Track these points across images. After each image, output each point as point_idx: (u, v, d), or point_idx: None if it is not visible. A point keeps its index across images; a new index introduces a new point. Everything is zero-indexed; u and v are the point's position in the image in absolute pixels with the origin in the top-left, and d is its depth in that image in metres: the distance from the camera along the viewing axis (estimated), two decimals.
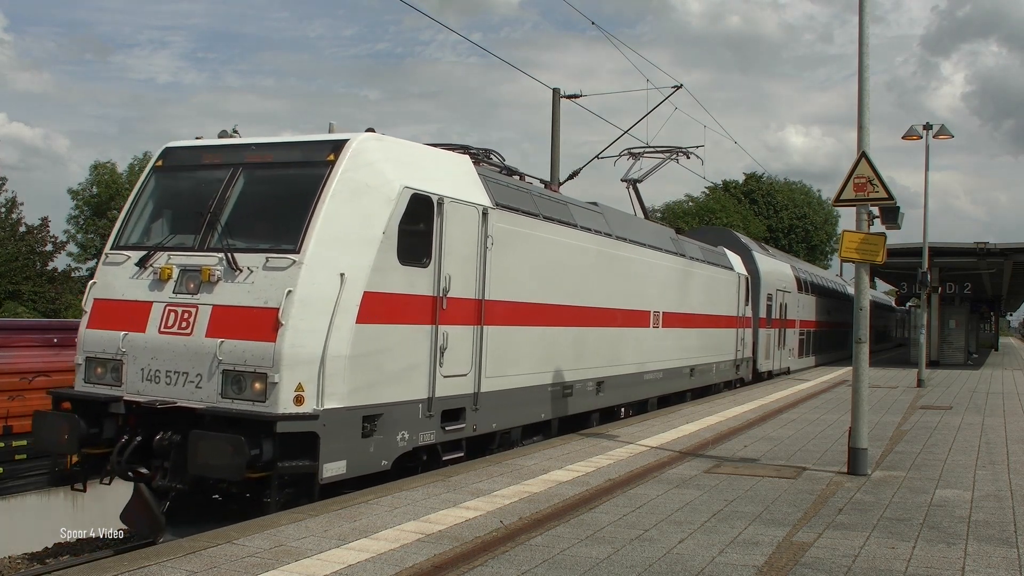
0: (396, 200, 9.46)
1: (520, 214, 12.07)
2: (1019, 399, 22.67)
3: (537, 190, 13.63)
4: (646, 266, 17.01)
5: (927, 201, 31.93)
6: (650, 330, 17.32)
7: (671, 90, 23.24)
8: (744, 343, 24.65)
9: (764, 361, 26.99)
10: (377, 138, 9.81)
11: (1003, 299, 57.17)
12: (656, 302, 17.56)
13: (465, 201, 10.65)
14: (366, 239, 9.14)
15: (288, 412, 8.30)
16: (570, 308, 13.60)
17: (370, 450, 9.10)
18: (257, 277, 8.70)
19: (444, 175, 10.54)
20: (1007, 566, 6.78)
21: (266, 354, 8.36)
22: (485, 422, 11.19)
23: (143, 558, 6.23)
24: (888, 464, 11.52)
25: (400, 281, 9.49)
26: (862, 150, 10.72)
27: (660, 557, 6.74)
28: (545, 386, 12.90)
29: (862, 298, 10.81)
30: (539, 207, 12.85)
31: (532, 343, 12.44)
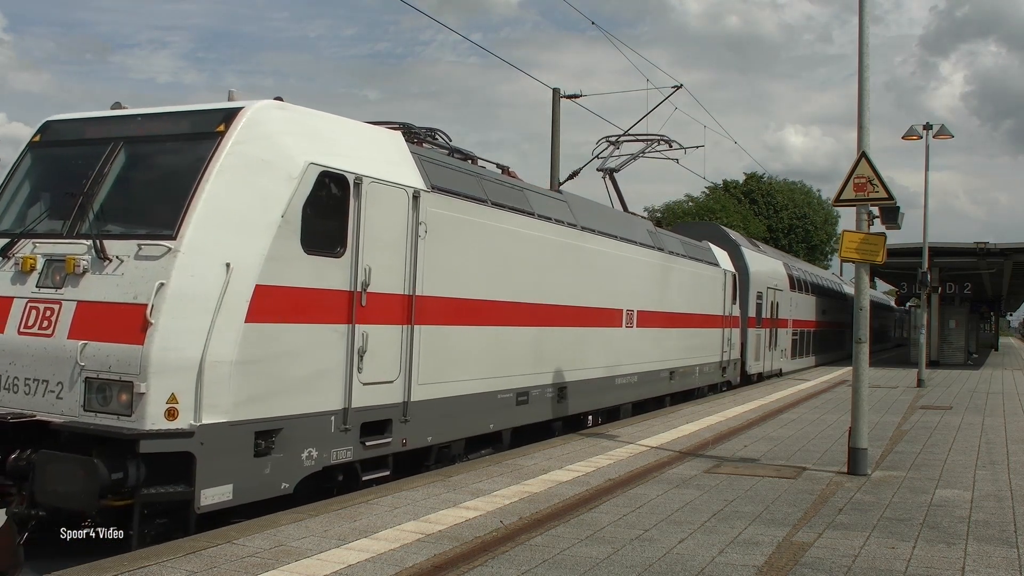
0: (300, 178, 8.20)
1: (463, 199, 10.75)
2: (1019, 399, 22.67)
3: (488, 174, 12.18)
4: (618, 260, 15.71)
5: (927, 201, 31.97)
6: (623, 330, 16.02)
7: (671, 90, 23.26)
8: (731, 344, 23.38)
9: (753, 363, 25.92)
10: (279, 106, 8.55)
11: (1003, 299, 57.16)
12: (630, 300, 16.30)
13: (390, 182, 9.36)
14: (261, 223, 7.87)
15: (156, 428, 7.04)
16: (526, 306, 12.32)
17: (265, 471, 7.82)
18: (128, 268, 7.45)
19: (365, 152, 9.29)
20: (1007, 566, 6.78)
21: (132, 359, 7.08)
22: (418, 435, 9.91)
23: (143, 558, 6.23)
24: (888, 464, 11.52)
25: (305, 273, 8.24)
26: (862, 150, 10.72)
27: (660, 557, 6.74)
28: (494, 393, 11.51)
29: (862, 298, 10.81)
30: (488, 192, 11.52)
31: (478, 345, 11.12)
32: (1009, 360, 51.41)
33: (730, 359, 23.40)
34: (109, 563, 6.13)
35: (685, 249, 19.98)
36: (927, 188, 32.35)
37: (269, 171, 8.08)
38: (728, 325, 22.97)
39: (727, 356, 23.08)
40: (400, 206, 9.54)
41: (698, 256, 20.87)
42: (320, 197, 8.46)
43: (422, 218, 9.83)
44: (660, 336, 17.99)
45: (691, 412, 16.84)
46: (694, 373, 20.55)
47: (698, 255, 20.92)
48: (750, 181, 69.48)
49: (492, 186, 11.83)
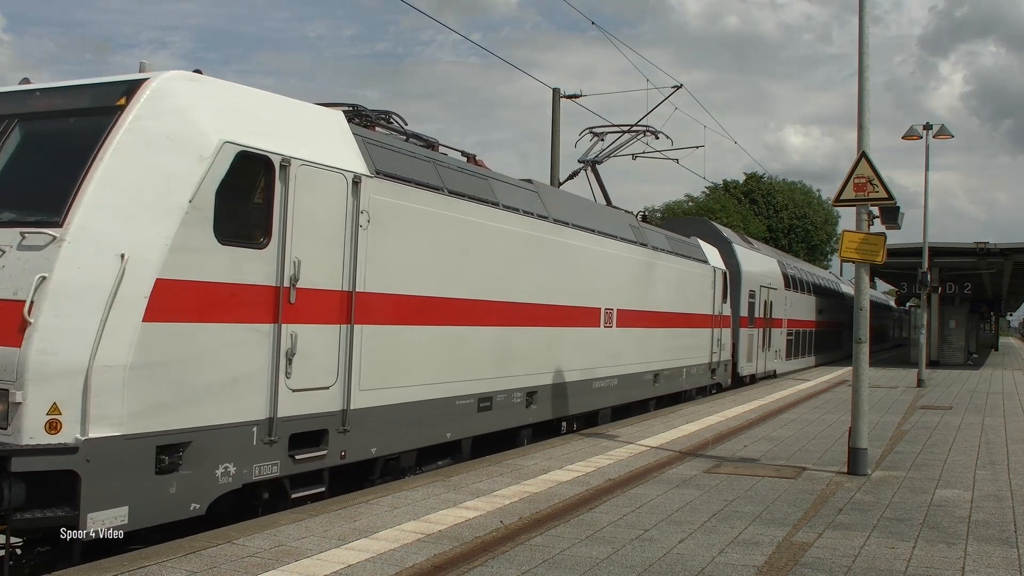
0: (213, 158, 7.30)
1: (414, 186, 9.82)
2: (1019, 399, 22.67)
3: (446, 160, 11.19)
4: (595, 256, 14.75)
5: (927, 201, 31.96)
6: (601, 330, 15.04)
7: (671, 90, 23.23)
8: (722, 344, 22.38)
9: (745, 364, 24.96)
10: (190, 77, 7.65)
11: (1003, 299, 57.16)
12: (609, 298, 15.29)
13: (325, 165, 8.44)
14: (164, 209, 6.97)
15: (33, 444, 6.20)
16: (490, 304, 11.38)
17: (170, 491, 6.92)
18: (10, 259, 6.58)
19: (296, 132, 8.39)
20: (1007, 566, 6.78)
21: (8, 363, 6.26)
22: (360, 446, 8.98)
23: (143, 558, 6.23)
24: (888, 464, 11.52)
25: (219, 265, 7.34)
26: (862, 150, 10.72)
27: (660, 557, 6.74)
28: (452, 399, 10.57)
29: (862, 298, 10.81)
30: (445, 180, 10.58)
31: (433, 346, 10.20)
32: (1009, 360, 51.41)
33: (720, 360, 22.42)
34: (109, 563, 6.13)
35: (671, 245, 19.02)
36: (927, 188, 32.43)
37: (175, 150, 7.17)
38: (718, 325, 22.00)
39: (717, 357, 22.11)
40: (337, 192, 8.58)
41: (685, 253, 19.89)
42: (239, 180, 7.53)
43: (364, 206, 8.89)
44: (643, 337, 17.05)
45: (691, 412, 16.84)
46: (681, 376, 19.56)
47: (685, 252, 19.97)
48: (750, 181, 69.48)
49: (450, 173, 10.85)
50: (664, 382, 18.39)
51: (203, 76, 7.79)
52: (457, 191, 10.73)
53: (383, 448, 9.39)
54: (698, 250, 21.19)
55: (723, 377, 22.85)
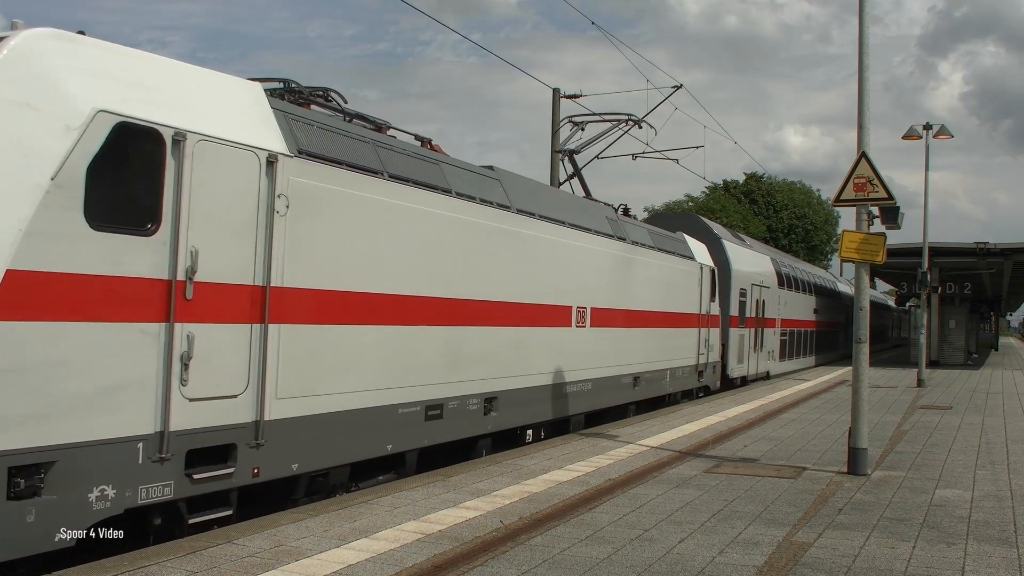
0: (84, 129, 6.32)
1: (347, 169, 8.82)
2: (1019, 399, 22.68)
3: (388, 141, 10.14)
4: (566, 250, 13.70)
5: (927, 201, 31.92)
6: (572, 330, 14.00)
7: (671, 90, 23.24)
8: (710, 345, 21.29)
9: (736, 365, 23.97)
10: (60, 36, 6.63)
11: (1003, 299, 57.17)
12: (583, 296, 14.29)
13: (232, 141, 7.38)
14: (18, 188, 6.01)
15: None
16: (441, 301, 10.41)
17: (27, 519, 5.93)
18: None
19: (194, 103, 7.34)
20: (1007, 566, 6.78)
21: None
22: (277, 462, 7.91)
23: (143, 558, 6.23)
24: (888, 464, 11.52)
25: (92, 255, 6.36)
26: (862, 150, 10.72)
27: (660, 557, 6.75)
28: (394, 407, 9.55)
29: (862, 298, 10.82)
30: (386, 163, 9.56)
31: (371, 348, 9.19)
32: (1009, 360, 51.42)
33: (708, 362, 21.31)
34: (109, 563, 6.13)
35: (654, 240, 17.96)
36: (927, 188, 32.30)
37: (36, 120, 6.18)
38: (706, 325, 20.93)
39: (705, 359, 21.01)
40: (246, 173, 7.53)
41: (670, 248, 18.83)
42: (118, 156, 6.58)
43: (282, 189, 7.86)
44: (621, 337, 16.01)
45: (691, 412, 16.84)
46: (664, 378, 18.41)
47: (670, 247, 18.89)
48: (750, 181, 69.50)
49: (392, 156, 9.84)
50: (645, 385, 17.35)
51: (80, 36, 6.78)
52: (401, 176, 9.72)
53: (307, 464, 8.32)
54: (684, 246, 20.15)
55: (711, 379, 21.88)
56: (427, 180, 10.27)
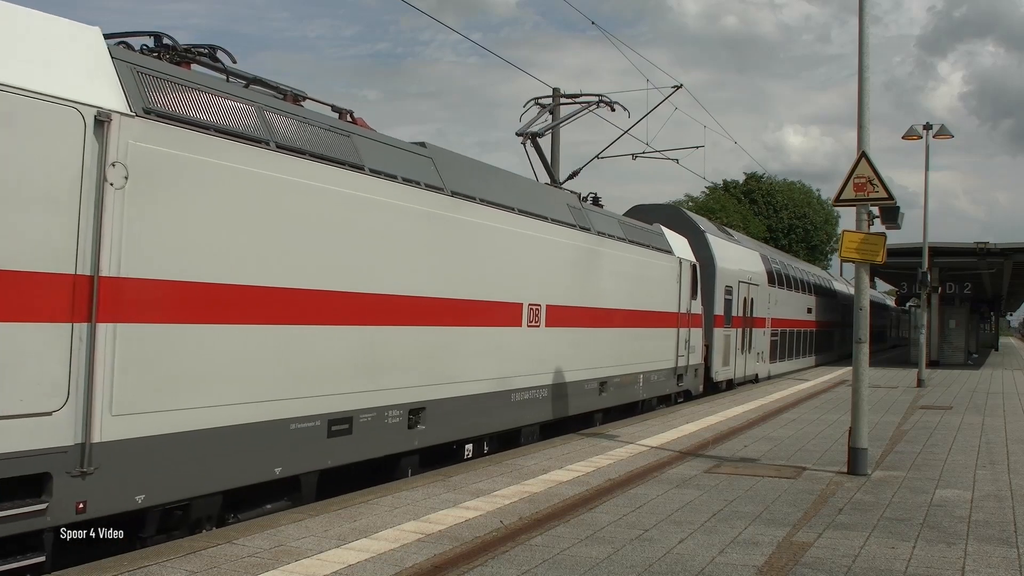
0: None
1: (216, 135, 7.32)
2: (1019, 399, 22.68)
3: (290, 109, 8.69)
4: (515, 240, 12.08)
5: (927, 201, 32.00)
6: (524, 330, 12.29)
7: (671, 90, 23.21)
8: (691, 347, 19.67)
9: (721, 368, 22.55)
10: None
11: (1003, 299, 57.17)
12: (536, 292, 12.59)
13: (39, 93, 6.00)
14: None
15: None
16: (349, 296, 8.87)
17: None
18: None
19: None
20: (1007, 566, 6.78)
21: None
22: (115, 494, 6.46)
23: (143, 558, 6.22)
24: (888, 464, 11.52)
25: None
26: (862, 150, 10.73)
27: (660, 557, 6.75)
28: (284, 422, 8.01)
29: (862, 298, 10.82)
30: (272, 130, 8.08)
31: (253, 351, 7.68)
32: (1009, 360, 51.42)
33: (688, 364, 19.67)
34: (109, 563, 6.13)
35: (625, 232, 16.35)
36: (927, 188, 32.44)
37: None
38: (686, 324, 19.29)
39: (685, 361, 19.37)
40: (63, 133, 6.14)
41: (644, 241, 17.17)
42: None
43: (118, 156, 6.43)
44: (584, 338, 14.32)
45: (691, 412, 16.84)
46: (636, 384, 16.70)
47: (644, 240, 17.21)
48: (750, 181, 69.51)
49: (284, 122, 8.35)
50: (614, 391, 15.69)
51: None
52: (295, 147, 8.22)
53: (159, 494, 6.82)
54: (661, 239, 18.50)
55: (693, 383, 20.26)
56: (332, 154, 8.74)
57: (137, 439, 6.60)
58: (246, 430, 7.59)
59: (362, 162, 9.19)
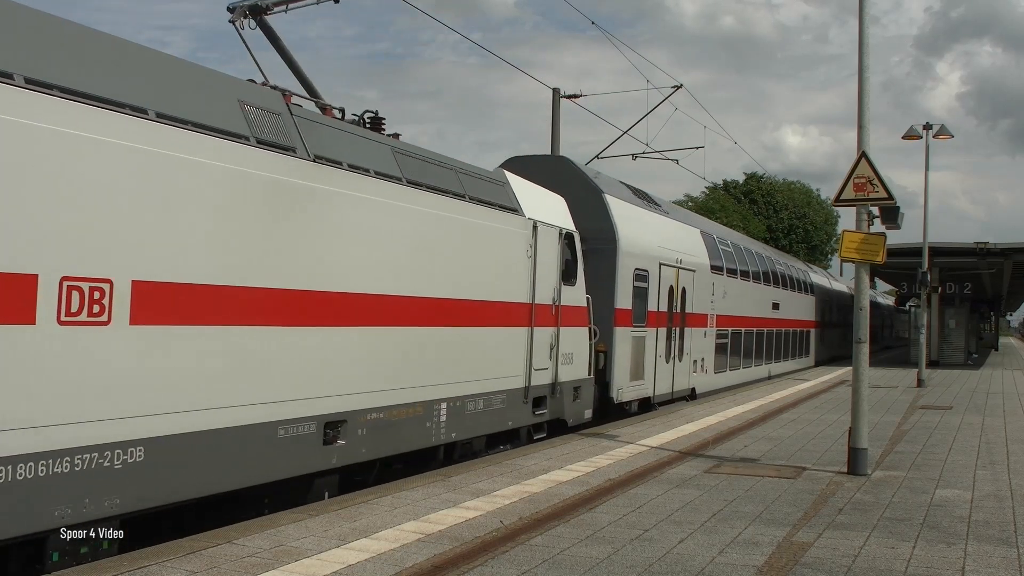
0: None
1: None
2: (1019, 399, 22.68)
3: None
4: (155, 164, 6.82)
5: (927, 201, 31.97)
6: (126, 333, 6.56)
7: (671, 90, 23.22)
8: (567, 355, 13.39)
9: (629, 384, 16.11)
10: None
11: (1003, 299, 57.19)
12: (131, 264, 6.65)
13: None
14: None
15: None
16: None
17: None
18: None
19: None
20: (1007, 566, 6.78)
21: None
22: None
23: (143, 558, 6.22)
24: (888, 464, 11.53)
25: None
26: (862, 150, 10.73)
27: (660, 557, 6.75)
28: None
29: (862, 298, 10.83)
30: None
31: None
32: (1009, 360, 51.42)
33: (558, 382, 13.10)
34: (109, 563, 6.13)
35: (404, 167, 9.96)
36: (927, 188, 32.39)
37: None
38: (550, 322, 12.85)
39: (548, 376, 12.88)
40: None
41: (456, 189, 10.84)
42: None
43: None
44: (280, 346, 8.06)
45: (691, 412, 16.83)
46: (431, 420, 10.25)
47: (457, 186, 10.89)
48: (750, 181, 69.54)
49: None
50: (363, 440, 9.10)
51: None
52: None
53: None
54: (501, 191, 12.05)
55: (571, 409, 13.75)
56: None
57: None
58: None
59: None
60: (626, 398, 16.18)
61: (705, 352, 20.93)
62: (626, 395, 16.17)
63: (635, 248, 16.56)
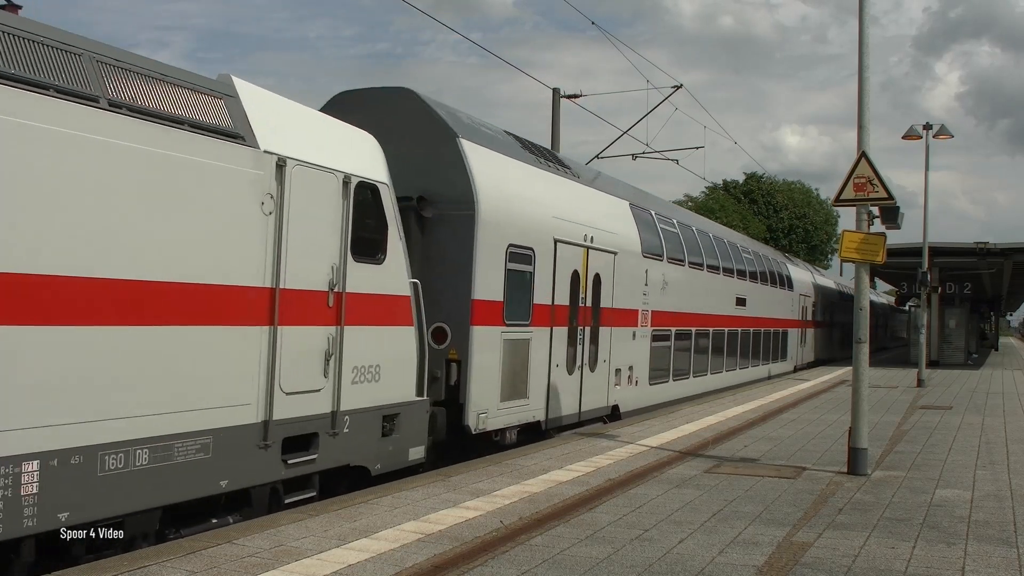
0: None
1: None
2: (1019, 399, 22.68)
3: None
4: None
5: (927, 201, 31.90)
6: None
7: (671, 90, 23.23)
8: (376, 368, 9.29)
9: (502, 405, 11.75)
10: None
11: (1003, 299, 57.18)
12: None
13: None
14: None
15: None
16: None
17: None
18: None
19: None
20: (1007, 566, 6.78)
21: None
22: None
23: (143, 558, 6.22)
24: (888, 464, 11.53)
25: None
26: (862, 150, 10.73)
27: (660, 557, 6.75)
28: None
29: (862, 298, 10.83)
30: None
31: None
32: (1009, 360, 51.42)
33: (339, 410, 8.76)
34: (109, 563, 6.13)
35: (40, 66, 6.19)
36: (927, 188, 32.30)
37: None
38: (316, 318, 8.55)
39: (323, 402, 8.59)
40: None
41: (140, 104, 6.85)
42: None
43: None
44: None
45: (691, 412, 16.83)
46: (13, 487, 5.80)
47: (146, 100, 6.95)
48: (750, 181, 69.54)
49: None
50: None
51: None
52: None
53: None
54: (217, 110, 7.70)
55: (375, 449, 9.37)
56: None
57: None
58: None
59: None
60: (495, 425, 11.58)
61: (635, 359, 16.29)
62: (494, 421, 11.56)
63: (508, 216, 11.80)
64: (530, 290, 12.46)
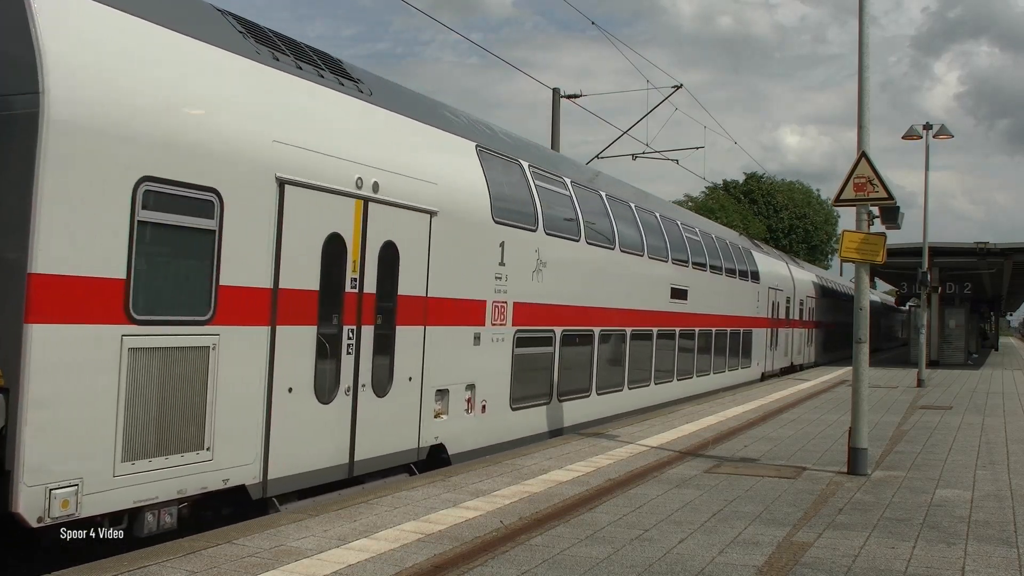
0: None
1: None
2: (1019, 399, 22.67)
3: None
4: None
5: (927, 201, 31.85)
6: None
7: (671, 90, 23.22)
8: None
9: (130, 470, 6.60)
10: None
11: (1003, 299, 57.16)
12: None
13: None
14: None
15: None
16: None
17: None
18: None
19: None
20: (1007, 566, 6.78)
21: None
22: None
23: (143, 558, 6.22)
24: (888, 464, 11.52)
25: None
26: (862, 150, 10.73)
27: (660, 557, 6.75)
28: None
29: (862, 298, 10.83)
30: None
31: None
32: (1009, 360, 51.42)
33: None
34: (109, 563, 6.13)
35: None
36: (927, 188, 32.22)
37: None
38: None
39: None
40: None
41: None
42: None
43: None
44: None
45: (691, 412, 16.83)
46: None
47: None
48: (750, 181, 69.54)
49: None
50: None
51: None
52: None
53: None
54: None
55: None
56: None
57: None
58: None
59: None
60: (111, 505, 6.62)
61: (480, 373, 11.44)
62: (108, 498, 6.58)
63: (145, 125, 6.90)
64: (212, 263, 7.45)
